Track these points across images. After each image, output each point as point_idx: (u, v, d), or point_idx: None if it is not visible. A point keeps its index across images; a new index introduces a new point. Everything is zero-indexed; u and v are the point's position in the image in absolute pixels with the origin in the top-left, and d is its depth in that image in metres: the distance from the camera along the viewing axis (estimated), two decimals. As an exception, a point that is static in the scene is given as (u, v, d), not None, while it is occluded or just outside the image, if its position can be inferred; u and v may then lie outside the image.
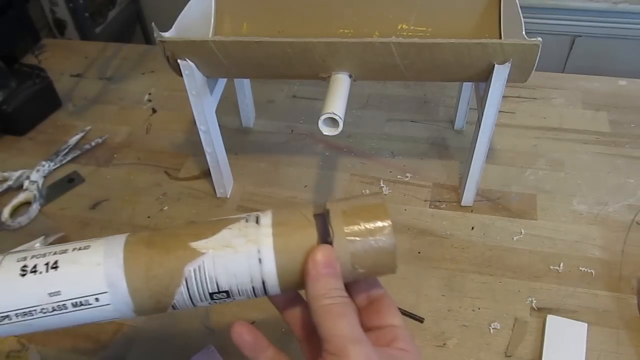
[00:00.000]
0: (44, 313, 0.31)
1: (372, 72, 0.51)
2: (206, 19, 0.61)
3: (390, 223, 0.31)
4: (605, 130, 0.71)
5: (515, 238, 0.59)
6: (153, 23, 0.50)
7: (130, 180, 0.68)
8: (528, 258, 0.57)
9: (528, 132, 0.72)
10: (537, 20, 1.28)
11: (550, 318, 0.51)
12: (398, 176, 0.66)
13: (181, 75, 0.52)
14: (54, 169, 0.69)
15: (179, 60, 0.50)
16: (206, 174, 0.67)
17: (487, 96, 0.50)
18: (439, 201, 0.63)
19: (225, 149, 0.62)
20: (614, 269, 0.55)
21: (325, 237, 0.31)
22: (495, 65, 0.48)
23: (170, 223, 0.62)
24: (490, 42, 0.47)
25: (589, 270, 0.55)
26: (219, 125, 0.58)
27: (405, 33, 0.60)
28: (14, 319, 0.31)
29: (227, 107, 0.74)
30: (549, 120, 0.73)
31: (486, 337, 0.51)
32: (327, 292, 0.30)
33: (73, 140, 0.73)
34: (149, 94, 0.82)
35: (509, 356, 0.49)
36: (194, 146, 0.71)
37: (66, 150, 0.71)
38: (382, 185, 0.65)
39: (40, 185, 0.67)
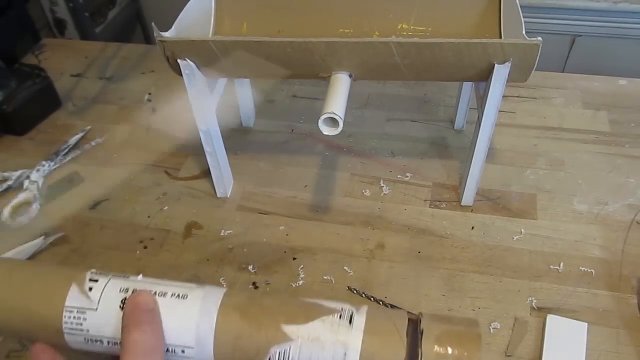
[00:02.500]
0: None
1: (372, 72, 0.51)
2: (206, 18, 0.61)
3: (479, 353, 0.31)
4: (605, 129, 0.71)
5: (515, 238, 0.59)
6: (153, 23, 0.50)
7: (130, 180, 0.68)
8: (528, 258, 0.57)
9: (528, 131, 0.72)
10: (537, 20, 1.28)
11: (550, 318, 0.51)
12: (398, 176, 0.66)
13: (181, 75, 0.52)
14: (54, 169, 0.69)
15: (179, 60, 0.50)
16: (206, 173, 0.67)
17: (487, 96, 0.50)
18: (439, 201, 0.63)
19: (225, 149, 0.62)
20: (614, 269, 0.55)
21: (412, 358, 0.31)
22: (495, 65, 0.48)
23: (171, 223, 0.62)
24: (490, 41, 0.47)
25: (589, 270, 0.55)
26: (219, 125, 0.58)
27: (405, 33, 0.60)
28: (105, 344, 0.33)
29: (227, 107, 0.74)
30: (549, 120, 0.73)
31: (486, 336, 0.51)
32: (137, 325, 0.31)
33: (73, 140, 0.73)
34: (149, 93, 0.82)
35: (509, 356, 0.49)
36: (194, 146, 0.71)
37: (66, 150, 0.71)
38: (382, 185, 0.65)
39: (40, 185, 0.67)
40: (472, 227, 0.60)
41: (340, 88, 0.49)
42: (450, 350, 0.31)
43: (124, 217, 0.63)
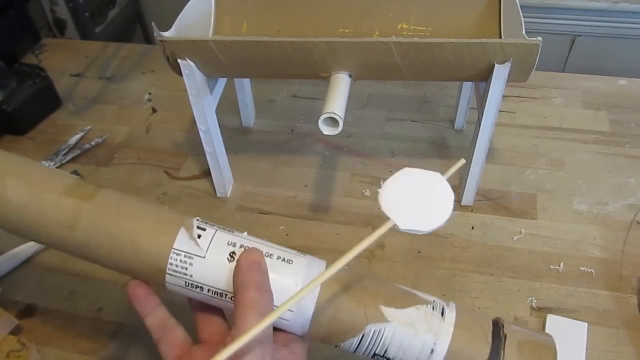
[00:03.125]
0: (229, 301, 0.33)
1: (372, 72, 0.51)
2: (206, 18, 0.61)
3: None
4: (606, 129, 0.71)
5: (515, 238, 0.59)
6: (153, 23, 0.50)
7: (130, 179, 0.68)
8: (528, 258, 0.57)
9: (528, 131, 0.72)
10: (537, 19, 1.28)
11: (550, 318, 0.51)
12: (398, 176, 0.66)
13: (181, 75, 0.52)
14: (54, 169, 0.69)
15: (179, 60, 0.50)
16: (206, 173, 0.67)
17: (487, 96, 0.50)
18: (439, 201, 0.63)
19: (225, 149, 0.62)
20: (614, 269, 0.55)
21: (494, 357, 0.33)
22: (495, 65, 0.48)
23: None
24: (491, 41, 0.47)
25: (589, 270, 0.55)
26: (219, 125, 0.58)
27: (405, 33, 0.60)
28: (205, 292, 0.34)
29: (227, 107, 0.74)
30: (549, 120, 0.73)
31: (486, 336, 0.51)
32: (254, 284, 0.31)
33: (73, 139, 0.73)
34: (149, 93, 0.82)
35: (509, 356, 0.49)
36: (194, 146, 0.71)
37: (66, 150, 0.71)
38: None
39: (40, 185, 0.67)
40: (472, 227, 0.60)
41: (340, 88, 0.49)
42: (530, 356, 0.33)
43: (124, 217, 0.63)
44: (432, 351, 0.33)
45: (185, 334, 0.36)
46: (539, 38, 0.46)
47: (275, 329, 0.34)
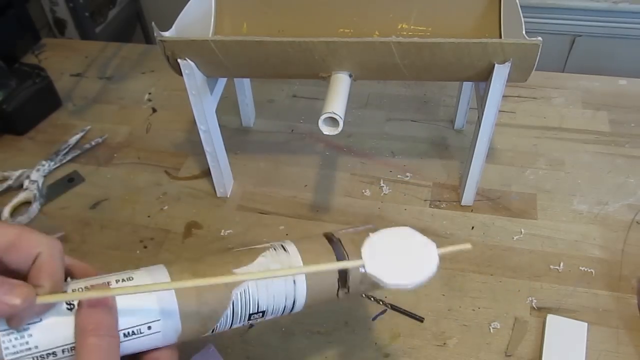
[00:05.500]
0: None
1: (372, 72, 0.51)
2: (206, 18, 0.61)
3: None
4: (605, 129, 0.71)
5: (515, 238, 0.59)
6: (153, 22, 0.50)
7: (130, 179, 0.68)
8: (528, 258, 0.57)
9: (528, 131, 0.72)
10: (537, 19, 1.28)
11: (550, 318, 0.51)
12: (398, 176, 0.66)
13: (181, 75, 0.52)
14: (54, 169, 0.69)
15: (179, 60, 0.50)
16: (206, 173, 0.67)
17: (487, 96, 0.50)
18: (439, 201, 0.63)
19: (225, 149, 0.62)
20: (614, 269, 0.55)
21: (340, 259, 0.37)
22: (495, 65, 0.48)
23: (171, 223, 0.62)
24: (491, 41, 0.47)
25: (589, 270, 0.55)
26: (219, 125, 0.58)
27: (405, 32, 0.60)
28: (60, 355, 0.30)
29: (227, 107, 0.74)
30: (549, 120, 0.73)
31: (486, 336, 0.51)
32: (96, 328, 0.29)
33: (73, 139, 0.73)
34: (149, 93, 0.82)
35: (509, 356, 0.49)
36: (194, 146, 0.71)
37: (66, 150, 0.71)
38: (382, 184, 0.65)
39: (40, 184, 0.67)
40: (472, 227, 0.60)
41: (340, 88, 0.49)
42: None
43: (124, 217, 0.63)
44: (294, 282, 0.35)
45: None
46: (539, 38, 0.46)
47: (147, 352, 0.33)
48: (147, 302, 0.32)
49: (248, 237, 0.60)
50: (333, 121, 0.47)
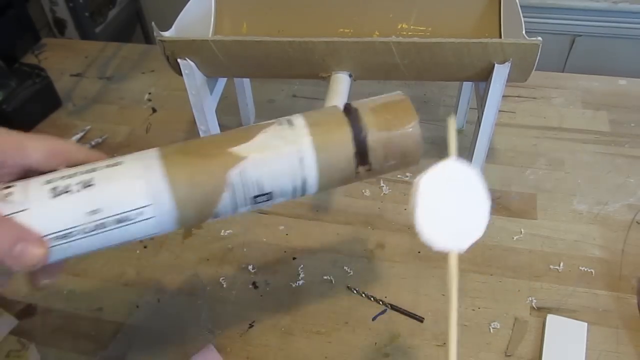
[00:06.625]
0: (85, 234, 0.30)
1: (372, 72, 0.51)
2: (206, 18, 0.61)
3: (416, 116, 0.33)
4: (605, 129, 0.71)
5: (515, 238, 0.59)
6: (153, 22, 0.50)
7: (130, 179, 0.68)
8: (528, 258, 0.57)
9: (528, 131, 0.72)
10: (537, 19, 1.28)
11: (550, 318, 0.51)
12: (398, 176, 0.66)
13: (181, 75, 0.52)
14: (54, 169, 0.69)
15: (178, 60, 0.50)
16: (206, 173, 0.67)
17: (487, 96, 0.50)
18: (439, 201, 0.63)
19: (225, 149, 0.62)
20: (614, 269, 0.55)
21: (358, 133, 0.32)
22: (495, 65, 0.48)
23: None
24: (491, 41, 0.47)
25: (588, 270, 0.55)
26: (219, 125, 0.58)
27: (405, 32, 0.60)
28: (50, 243, 0.29)
29: (227, 107, 0.74)
30: (549, 120, 0.73)
31: (486, 336, 0.51)
32: None
33: (73, 139, 0.73)
34: (149, 93, 0.82)
35: (509, 356, 0.49)
36: (194, 146, 0.71)
37: (66, 150, 0.71)
38: (382, 184, 0.65)
39: (40, 184, 0.66)
40: (472, 227, 0.60)
41: (340, 88, 0.49)
42: (387, 115, 0.33)
43: (124, 217, 0.63)
44: (300, 160, 0.32)
45: None
46: (539, 38, 0.46)
47: None
48: (134, 186, 0.30)
49: (248, 237, 0.60)
50: (333, 121, 0.46)
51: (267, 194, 0.32)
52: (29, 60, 0.89)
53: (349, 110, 0.33)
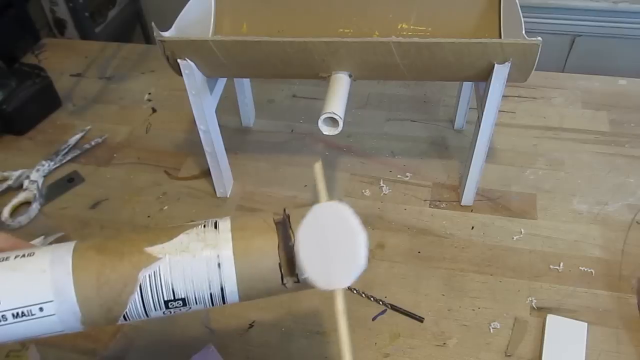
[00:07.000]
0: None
1: (372, 72, 0.51)
2: (206, 18, 0.61)
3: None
4: (605, 129, 0.71)
5: (515, 238, 0.59)
6: (153, 22, 0.50)
7: (130, 179, 0.68)
8: (528, 258, 0.57)
9: (528, 131, 0.72)
10: (537, 19, 1.28)
11: (550, 318, 0.51)
12: (398, 176, 0.66)
13: (181, 75, 0.52)
14: (54, 169, 0.69)
15: (178, 60, 0.50)
16: (206, 173, 0.67)
17: (487, 96, 0.50)
18: (439, 201, 0.63)
19: (225, 149, 0.62)
20: (614, 269, 0.55)
21: (287, 242, 0.30)
22: (495, 65, 0.48)
23: (170, 222, 0.62)
24: (490, 41, 0.47)
25: (588, 270, 0.55)
26: (219, 125, 0.58)
27: (405, 33, 0.60)
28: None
29: (227, 107, 0.74)
30: (549, 120, 0.73)
31: (486, 336, 0.51)
32: None
33: (73, 139, 0.73)
34: (149, 93, 0.82)
35: (509, 356, 0.49)
36: (193, 146, 0.71)
37: (66, 150, 0.71)
38: (382, 184, 0.65)
39: (40, 184, 0.67)
40: (472, 227, 0.60)
41: (340, 88, 0.49)
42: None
43: (124, 217, 0.63)
44: (218, 265, 0.30)
45: None
46: (539, 38, 0.46)
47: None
48: (39, 281, 0.29)
49: (248, 237, 0.60)
50: (333, 121, 0.47)
51: (180, 299, 0.30)
52: (29, 60, 0.89)
53: (279, 218, 0.32)
